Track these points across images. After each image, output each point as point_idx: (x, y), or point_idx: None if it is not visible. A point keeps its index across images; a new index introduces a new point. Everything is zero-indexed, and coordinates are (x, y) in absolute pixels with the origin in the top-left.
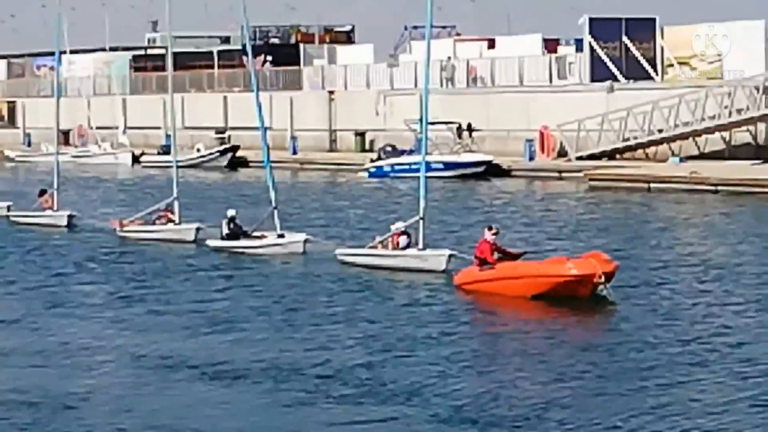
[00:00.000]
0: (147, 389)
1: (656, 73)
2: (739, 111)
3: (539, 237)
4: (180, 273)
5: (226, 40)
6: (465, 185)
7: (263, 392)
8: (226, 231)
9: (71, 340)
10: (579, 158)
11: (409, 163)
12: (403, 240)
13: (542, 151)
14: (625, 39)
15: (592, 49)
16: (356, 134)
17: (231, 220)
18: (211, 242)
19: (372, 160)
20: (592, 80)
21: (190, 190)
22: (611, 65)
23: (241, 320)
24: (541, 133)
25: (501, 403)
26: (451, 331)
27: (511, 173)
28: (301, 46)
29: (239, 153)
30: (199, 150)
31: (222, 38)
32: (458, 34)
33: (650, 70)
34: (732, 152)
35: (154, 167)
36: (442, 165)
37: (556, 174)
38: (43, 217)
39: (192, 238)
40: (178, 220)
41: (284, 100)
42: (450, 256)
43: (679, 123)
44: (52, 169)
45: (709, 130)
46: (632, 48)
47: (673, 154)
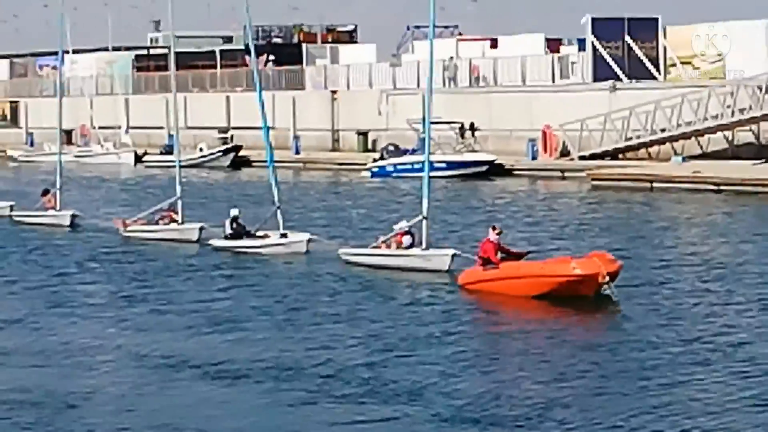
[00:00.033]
0: (149, 389)
1: (659, 72)
2: (741, 110)
3: (542, 236)
4: (183, 273)
5: (228, 39)
6: (467, 185)
7: (265, 392)
8: (229, 231)
9: (73, 339)
10: (581, 158)
11: (411, 163)
12: (407, 240)
13: (545, 151)
14: (628, 38)
15: (594, 49)
16: (359, 134)
17: (234, 220)
18: (214, 242)
19: (374, 160)
20: (595, 80)
21: (193, 189)
22: (614, 65)
23: (244, 320)
24: (544, 132)
25: (503, 402)
26: (454, 330)
27: (514, 173)
28: (304, 45)
29: (242, 153)
30: (202, 150)
31: (224, 38)
32: (460, 34)
33: (653, 70)
34: (734, 152)
35: (157, 167)
36: (444, 164)
37: (559, 173)
38: (46, 216)
39: (195, 237)
40: (181, 220)
41: (287, 99)
42: (453, 256)
43: (681, 122)
44: (54, 169)
45: (711, 130)
46: (635, 47)
47: (676, 153)
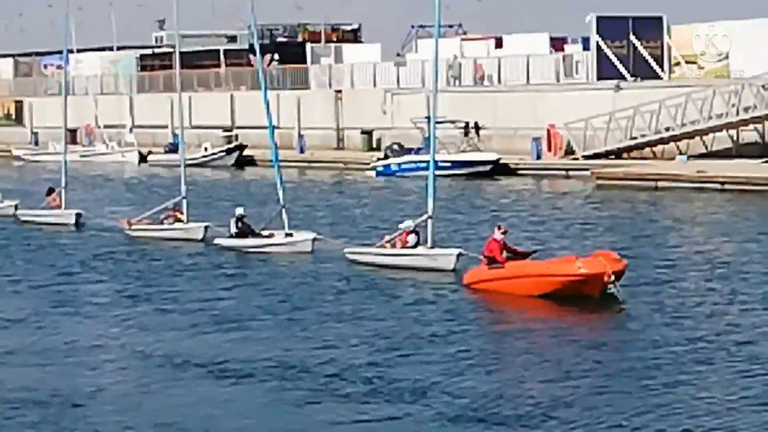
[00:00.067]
0: (153, 387)
1: (663, 71)
2: (746, 109)
3: (546, 236)
4: (188, 272)
5: (233, 38)
6: (472, 184)
7: (269, 390)
8: (234, 230)
9: (78, 338)
10: (586, 157)
11: (416, 162)
12: (412, 239)
13: (549, 150)
14: (632, 38)
15: (599, 48)
16: (363, 133)
17: (239, 219)
18: (219, 241)
19: (379, 159)
20: (599, 79)
21: (198, 188)
22: (618, 64)
23: (248, 319)
24: (548, 131)
25: (507, 401)
26: (459, 330)
27: (518, 172)
28: (308, 45)
29: (246, 152)
30: (206, 149)
31: (229, 37)
32: (465, 33)
33: (657, 69)
34: (739, 150)
35: (162, 166)
36: (449, 163)
37: (564, 172)
38: (51, 216)
39: (200, 237)
40: (186, 219)
41: (291, 98)
42: (459, 255)
43: (686, 121)
44: (59, 168)
45: (716, 129)
46: (639, 47)
47: (681, 152)
